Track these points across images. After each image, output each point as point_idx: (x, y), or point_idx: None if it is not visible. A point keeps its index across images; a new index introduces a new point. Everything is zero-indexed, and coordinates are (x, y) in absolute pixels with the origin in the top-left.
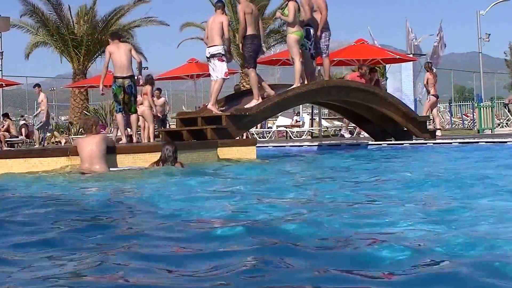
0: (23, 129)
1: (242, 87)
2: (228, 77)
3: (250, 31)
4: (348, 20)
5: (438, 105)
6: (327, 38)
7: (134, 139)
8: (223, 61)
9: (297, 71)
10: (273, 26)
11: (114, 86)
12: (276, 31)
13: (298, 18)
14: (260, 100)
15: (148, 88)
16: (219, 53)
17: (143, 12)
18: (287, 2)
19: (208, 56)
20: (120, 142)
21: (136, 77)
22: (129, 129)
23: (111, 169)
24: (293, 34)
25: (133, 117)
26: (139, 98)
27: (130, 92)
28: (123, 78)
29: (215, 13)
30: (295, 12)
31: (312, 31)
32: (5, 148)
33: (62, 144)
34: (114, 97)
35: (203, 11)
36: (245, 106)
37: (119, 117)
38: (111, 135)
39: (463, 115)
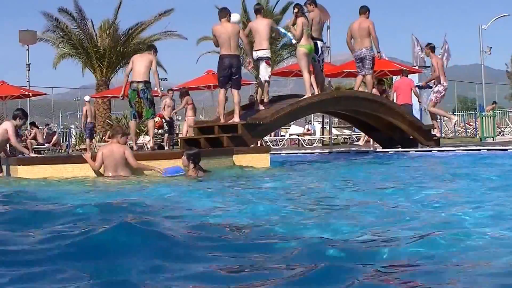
0: (54, 137)
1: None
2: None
3: (222, 51)
4: None
5: None
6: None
7: (151, 144)
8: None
9: (306, 82)
10: (286, 40)
11: (129, 90)
12: (289, 44)
13: (307, 32)
14: (223, 120)
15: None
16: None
17: (163, 25)
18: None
19: None
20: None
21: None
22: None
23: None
24: (301, 47)
25: (149, 123)
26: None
27: (143, 97)
28: (138, 82)
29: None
30: (303, 27)
31: (319, 44)
32: (32, 155)
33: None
34: (129, 102)
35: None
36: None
37: (132, 124)
38: (130, 142)
39: (466, 124)
